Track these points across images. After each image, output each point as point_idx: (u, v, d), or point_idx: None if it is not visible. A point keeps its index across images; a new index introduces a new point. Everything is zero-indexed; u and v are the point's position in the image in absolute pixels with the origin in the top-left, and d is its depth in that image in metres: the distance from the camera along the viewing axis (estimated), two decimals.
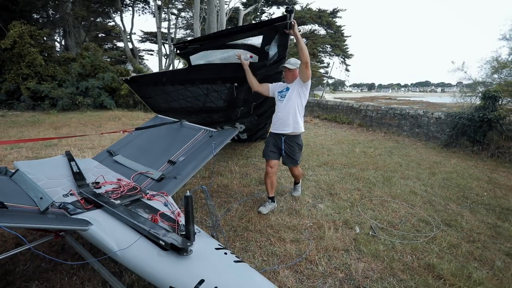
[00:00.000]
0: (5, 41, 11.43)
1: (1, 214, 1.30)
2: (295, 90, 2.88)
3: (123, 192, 2.06)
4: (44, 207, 1.63)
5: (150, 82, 3.85)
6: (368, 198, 3.53)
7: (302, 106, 2.95)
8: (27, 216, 1.49)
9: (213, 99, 3.80)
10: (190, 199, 1.44)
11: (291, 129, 2.93)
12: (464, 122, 5.89)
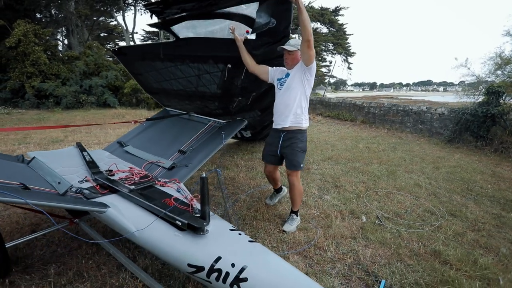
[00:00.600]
0: (10, 39, 11.54)
1: (27, 194, 1.35)
2: (296, 76, 2.38)
3: (136, 179, 2.11)
4: (63, 190, 1.68)
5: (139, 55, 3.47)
6: (373, 190, 3.57)
7: (305, 95, 2.42)
8: (50, 196, 1.54)
9: (205, 82, 3.37)
10: (205, 180, 1.50)
11: (290, 123, 2.43)
12: (467, 117, 5.91)
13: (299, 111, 2.43)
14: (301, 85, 2.39)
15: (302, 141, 2.48)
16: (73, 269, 1.95)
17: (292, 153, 2.47)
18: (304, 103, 2.44)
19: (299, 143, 2.46)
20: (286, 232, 2.48)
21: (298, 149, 2.45)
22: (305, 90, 2.41)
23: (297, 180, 2.54)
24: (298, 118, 2.44)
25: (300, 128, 2.46)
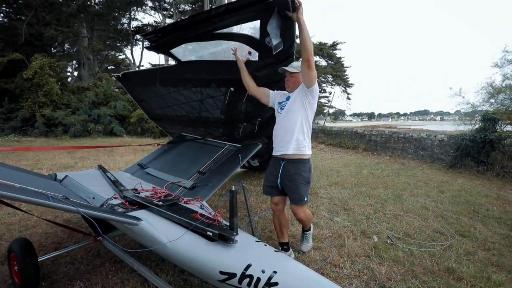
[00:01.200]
0: (27, 72, 12.21)
1: (77, 204, 1.49)
2: (297, 99, 2.21)
3: (160, 198, 2.24)
4: (99, 204, 1.82)
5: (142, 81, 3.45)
6: (382, 212, 3.65)
7: (307, 120, 2.22)
8: (94, 208, 1.67)
9: (208, 107, 3.27)
10: (234, 193, 1.64)
11: (291, 150, 2.20)
12: (466, 143, 6.12)
13: (301, 136, 2.21)
14: (302, 109, 2.20)
15: (305, 171, 2.22)
16: (98, 285, 2.01)
17: (295, 186, 2.21)
18: (306, 128, 2.23)
19: (302, 173, 2.20)
20: (304, 252, 2.50)
21: (301, 181, 2.20)
22: (307, 114, 2.21)
23: (303, 215, 2.31)
24: (300, 145, 2.20)
25: (303, 157, 2.22)
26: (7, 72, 13.89)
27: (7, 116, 13.64)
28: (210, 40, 2.56)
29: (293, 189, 2.23)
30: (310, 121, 2.25)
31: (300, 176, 2.21)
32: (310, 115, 2.23)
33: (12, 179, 1.60)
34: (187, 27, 2.28)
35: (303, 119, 2.21)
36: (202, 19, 2.18)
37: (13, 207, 2.03)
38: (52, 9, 14.20)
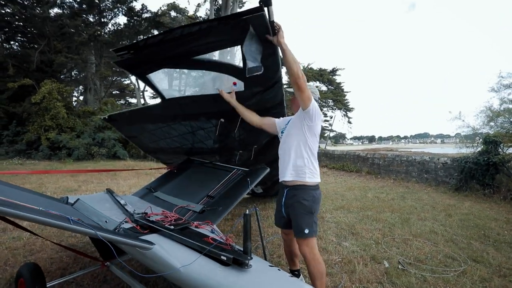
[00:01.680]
0: (36, 96, 12.57)
1: (96, 228, 1.50)
2: (296, 122, 2.08)
3: (171, 221, 2.25)
4: (113, 227, 1.83)
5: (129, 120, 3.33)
6: (390, 237, 3.60)
7: (307, 144, 2.04)
8: (111, 231, 1.68)
9: (201, 138, 3.21)
10: (248, 217, 1.66)
11: (289, 176, 2.05)
12: (470, 166, 6.13)
13: (300, 162, 2.02)
14: (300, 132, 2.04)
15: (306, 199, 1.99)
16: None
17: (294, 215, 2.03)
18: (306, 152, 2.03)
19: (302, 201, 1.99)
20: None
21: (301, 210, 1.99)
22: (306, 137, 2.03)
23: (308, 251, 1.98)
24: (299, 171, 2.02)
25: (304, 183, 2.01)
26: (16, 96, 14.29)
27: (12, 139, 13.82)
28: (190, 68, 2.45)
29: (293, 219, 2.05)
30: (311, 145, 2.05)
31: (300, 204, 1.99)
32: (310, 139, 2.04)
33: (29, 201, 1.62)
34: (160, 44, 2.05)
35: (301, 142, 2.04)
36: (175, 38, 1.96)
37: (27, 231, 2.04)
38: (64, 38, 14.92)
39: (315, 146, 2.08)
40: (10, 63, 13.43)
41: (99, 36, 15.04)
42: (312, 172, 2.04)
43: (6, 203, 1.16)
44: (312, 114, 1.97)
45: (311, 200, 2.00)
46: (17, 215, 1.11)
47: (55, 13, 14.93)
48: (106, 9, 17.31)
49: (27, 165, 11.23)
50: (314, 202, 2.02)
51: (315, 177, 2.05)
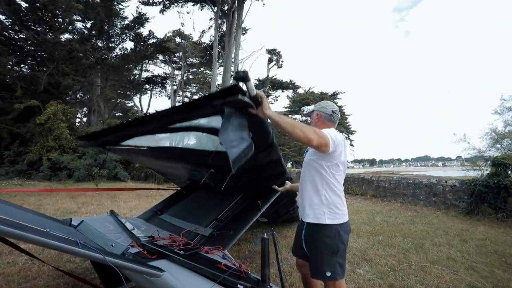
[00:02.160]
0: (41, 117, 12.69)
1: (104, 252, 1.40)
2: (314, 153, 1.79)
3: (179, 246, 2.12)
4: (120, 252, 1.71)
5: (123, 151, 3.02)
6: (406, 264, 3.40)
7: (323, 178, 1.74)
8: (119, 257, 1.57)
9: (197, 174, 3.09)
10: (267, 241, 1.55)
11: (307, 217, 1.79)
12: (480, 189, 5.99)
13: (317, 200, 1.75)
14: (316, 164, 1.77)
15: (328, 236, 1.70)
16: None
17: (315, 254, 1.74)
18: (324, 189, 1.74)
19: (323, 239, 1.70)
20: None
21: (322, 248, 1.70)
22: (324, 170, 1.74)
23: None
24: (316, 210, 1.74)
25: (325, 224, 1.71)
26: (21, 117, 14.43)
27: (13, 159, 13.74)
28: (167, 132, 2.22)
29: (312, 258, 1.76)
30: (330, 178, 1.73)
31: (320, 241, 1.70)
32: (330, 171, 1.73)
33: (34, 223, 1.53)
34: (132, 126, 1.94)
35: (316, 176, 1.76)
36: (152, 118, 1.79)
37: (28, 254, 1.92)
38: (72, 62, 15.36)
39: (337, 178, 1.75)
40: (19, 85, 13.70)
41: (106, 59, 15.51)
42: (332, 211, 1.72)
43: (12, 224, 1.07)
44: (332, 156, 1.70)
45: (334, 237, 1.69)
46: (24, 237, 1.02)
47: (66, 38, 15.51)
48: (114, 35, 18.01)
49: (26, 186, 11.05)
50: (339, 240, 1.69)
51: (337, 217, 1.71)
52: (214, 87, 16.07)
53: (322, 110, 1.94)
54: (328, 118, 1.93)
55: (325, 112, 1.93)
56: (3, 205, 1.69)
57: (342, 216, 1.74)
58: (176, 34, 24.16)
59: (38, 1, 13.90)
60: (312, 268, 1.76)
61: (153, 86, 27.70)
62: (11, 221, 1.18)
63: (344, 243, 1.74)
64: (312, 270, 1.76)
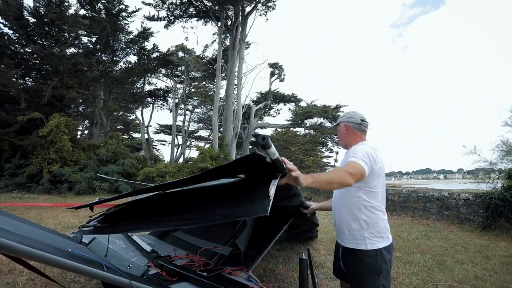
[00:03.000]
0: (43, 129, 12.61)
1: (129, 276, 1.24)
2: None
3: (200, 267, 1.95)
4: (140, 274, 1.55)
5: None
6: (432, 283, 3.19)
7: (361, 201, 1.61)
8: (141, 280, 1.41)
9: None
10: (305, 262, 1.41)
11: (347, 241, 1.66)
12: (497, 202, 5.80)
13: (356, 225, 1.61)
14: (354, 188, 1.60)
15: (370, 255, 1.56)
16: None
17: (356, 276, 1.60)
18: (363, 213, 1.60)
19: (364, 260, 1.56)
20: None
21: (363, 269, 1.56)
22: (361, 193, 1.61)
23: None
24: (357, 236, 1.60)
25: (363, 249, 1.58)
26: (23, 129, 14.37)
27: (14, 172, 13.55)
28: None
29: (354, 280, 1.61)
30: (369, 199, 1.60)
31: (361, 261, 1.56)
32: (370, 192, 1.61)
33: (48, 240, 1.38)
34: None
35: (353, 199, 1.63)
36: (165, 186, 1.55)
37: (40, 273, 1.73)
38: (76, 75, 15.47)
39: (376, 196, 1.62)
40: (23, 97, 13.72)
41: (111, 73, 15.64)
42: (373, 235, 1.57)
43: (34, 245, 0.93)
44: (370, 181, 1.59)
45: (375, 257, 1.54)
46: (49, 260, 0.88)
47: (71, 52, 15.70)
48: (119, 49, 18.26)
49: (26, 199, 10.81)
50: (381, 260, 1.54)
51: (378, 241, 1.57)
52: (218, 100, 16.12)
53: (350, 121, 1.81)
54: (358, 127, 1.79)
55: (354, 122, 1.79)
56: (13, 221, 1.54)
57: (384, 239, 1.59)
58: (179, 49, 24.55)
59: (46, 16, 14.15)
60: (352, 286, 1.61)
61: (155, 99, 27.86)
62: (31, 239, 1.04)
63: (387, 263, 1.57)
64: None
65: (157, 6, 17.04)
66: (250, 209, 1.15)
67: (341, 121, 1.85)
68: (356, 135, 1.79)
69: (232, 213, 1.25)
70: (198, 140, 35.63)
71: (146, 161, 17.08)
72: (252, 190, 1.21)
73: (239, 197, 1.30)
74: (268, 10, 16.41)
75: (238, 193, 1.35)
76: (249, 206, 1.17)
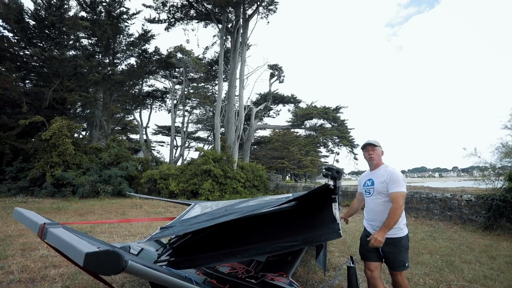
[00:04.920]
0: (46, 133, 12.58)
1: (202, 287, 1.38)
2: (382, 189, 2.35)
3: (243, 274, 2.10)
4: (201, 281, 1.69)
5: None
6: (446, 283, 3.38)
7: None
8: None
9: None
10: (354, 270, 1.56)
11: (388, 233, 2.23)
12: (498, 203, 6.04)
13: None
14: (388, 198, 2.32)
15: (404, 238, 2.33)
16: None
17: (396, 253, 2.28)
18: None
19: (401, 241, 2.31)
20: None
21: (402, 248, 2.30)
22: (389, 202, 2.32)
23: (404, 282, 2.36)
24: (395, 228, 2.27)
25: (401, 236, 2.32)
26: (24, 133, 14.29)
27: (15, 175, 13.48)
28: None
29: (393, 256, 2.30)
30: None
31: (399, 243, 2.31)
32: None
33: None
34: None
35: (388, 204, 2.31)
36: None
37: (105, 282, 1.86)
38: (77, 78, 15.42)
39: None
40: (24, 100, 13.65)
41: (112, 75, 15.62)
42: (404, 225, 2.39)
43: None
44: None
45: (406, 239, 2.36)
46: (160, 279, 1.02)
47: (71, 54, 15.63)
48: (119, 51, 18.22)
49: (31, 203, 10.80)
50: (409, 240, 2.42)
51: (407, 227, 2.42)
52: (220, 102, 16.20)
53: (381, 148, 2.61)
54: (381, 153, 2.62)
55: (382, 150, 2.61)
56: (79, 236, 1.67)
57: (407, 226, 2.44)
58: (177, 50, 24.53)
59: (47, 19, 14.10)
60: (395, 263, 2.30)
61: (153, 100, 27.79)
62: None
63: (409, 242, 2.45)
64: (395, 264, 2.30)
65: (158, 9, 17.04)
66: (325, 234, 1.33)
67: (379, 145, 2.56)
68: (380, 158, 2.59)
69: (308, 239, 1.44)
70: (197, 141, 35.61)
71: (148, 163, 17.10)
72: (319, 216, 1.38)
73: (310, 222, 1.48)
74: (269, 13, 16.54)
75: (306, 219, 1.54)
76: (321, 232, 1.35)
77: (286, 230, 1.62)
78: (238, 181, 14.32)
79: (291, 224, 1.67)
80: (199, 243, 1.84)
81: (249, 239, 1.68)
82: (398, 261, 2.28)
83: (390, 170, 2.40)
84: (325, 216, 1.34)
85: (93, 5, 16.19)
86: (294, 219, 1.70)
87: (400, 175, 2.33)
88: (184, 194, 14.11)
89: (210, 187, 13.50)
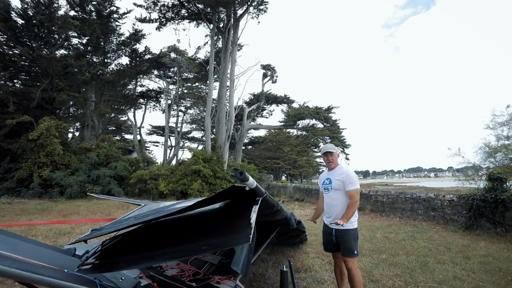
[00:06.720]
0: (33, 133, 12.45)
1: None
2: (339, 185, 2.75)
3: (190, 276, 2.05)
4: (131, 286, 1.64)
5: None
6: (414, 284, 3.36)
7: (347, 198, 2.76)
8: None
9: None
10: (286, 274, 1.52)
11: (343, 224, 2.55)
12: (478, 203, 6.05)
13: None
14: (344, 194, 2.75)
15: (354, 229, 2.73)
16: None
17: (346, 241, 2.69)
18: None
19: (351, 232, 2.71)
20: None
21: (351, 237, 2.70)
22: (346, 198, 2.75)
23: (354, 266, 2.69)
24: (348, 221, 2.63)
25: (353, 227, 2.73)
26: (12, 133, 14.14)
27: (2, 176, 13.33)
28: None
29: (343, 244, 2.69)
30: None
31: (349, 233, 2.70)
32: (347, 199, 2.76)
33: (41, 258, 1.45)
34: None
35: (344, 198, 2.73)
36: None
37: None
38: (67, 77, 15.30)
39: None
40: (11, 100, 13.50)
41: (102, 75, 15.50)
42: (356, 220, 2.78)
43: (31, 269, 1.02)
44: None
45: (355, 230, 2.75)
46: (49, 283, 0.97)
47: (61, 54, 15.49)
48: (110, 51, 18.11)
49: (16, 204, 10.68)
50: (357, 231, 2.78)
51: (357, 222, 2.83)
52: (210, 102, 16.13)
53: (337, 151, 2.98)
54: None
55: (338, 153, 3.01)
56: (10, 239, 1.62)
57: (357, 223, 2.84)
58: (171, 50, 24.43)
59: (35, 18, 13.96)
60: (344, 250, 2.68)
61: (147, 101, 27.68)
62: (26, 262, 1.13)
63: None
64: (346, 251, 2.67)
65: (149, 8, 16.95)
66: (235, 239, 1.29)
67: (335, 151, 2.91)
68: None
69: (219, 243, 1.40)
70: (191, 141, 35.52)
71: (138, 164, 17.00)
72: (236, 219, 1.35)
73: (225, 225, 1.44)
74: (259, 13, 16.52)
75: (224, 222, 1.50)
76: (233, 236, 1.31)
77: (199, 233, 1.59)
78: (228, 181, 14.28)
79: (205, 227, 1.64)
80: (124, 245, 1.81)
81: (167, 242, 1.64)
82: (348, 248, 2.67)
83: (345, 171, 2.80)
84: (242, 220, 1.30)
85: (82, 4, 16.06)
86: (209, 223, 1.66)
87: (354, 175, 2.76)
88: (174, 194, 14.04)
89: (199, 187, 13.44)
